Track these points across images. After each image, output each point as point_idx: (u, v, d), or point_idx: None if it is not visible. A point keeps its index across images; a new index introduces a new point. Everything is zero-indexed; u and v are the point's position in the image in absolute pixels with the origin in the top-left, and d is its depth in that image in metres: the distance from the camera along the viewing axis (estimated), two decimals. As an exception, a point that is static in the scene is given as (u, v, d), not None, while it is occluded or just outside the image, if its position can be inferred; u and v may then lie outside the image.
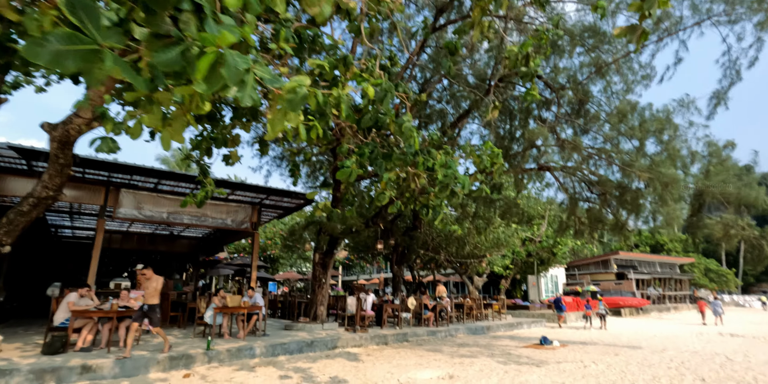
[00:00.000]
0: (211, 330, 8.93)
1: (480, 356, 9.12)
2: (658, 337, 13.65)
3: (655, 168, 7.61)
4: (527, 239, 20.77)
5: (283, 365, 7.58)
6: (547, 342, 11.14)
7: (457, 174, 5.98)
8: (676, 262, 38.64)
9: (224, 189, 10.86)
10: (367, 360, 8.37)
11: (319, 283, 11.22)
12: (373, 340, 10.34)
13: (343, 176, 5.41)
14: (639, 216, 8.96)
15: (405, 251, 14.92)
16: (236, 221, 11.36)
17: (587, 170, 9.66)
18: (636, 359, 8.92)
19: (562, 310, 17.83)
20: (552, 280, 30.81)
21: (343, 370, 7.38)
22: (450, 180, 5.95)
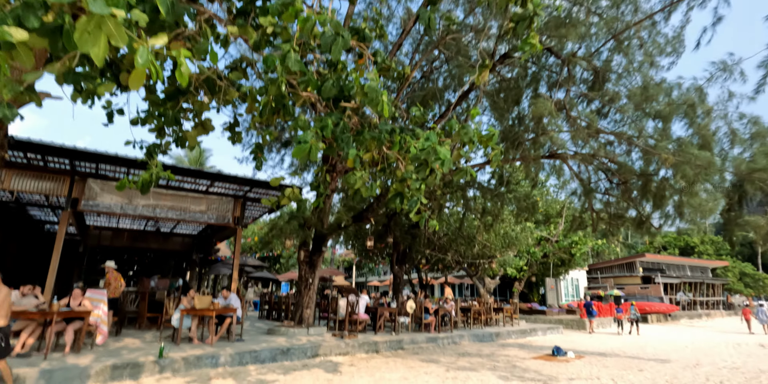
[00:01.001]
0: (177, 334, 8.02)
1: (480, 369, 7.95)
2: (689, 348, 12.15)
3: (684, 150, 6.32)
4: (543, 239, 19.35)
5: (246, 377, 6.59)
6: (561, 353, 9.87)
7: (437, 147, 4.87)
8: (708, 265, 36.26)
9: (202, 180, 10.00)
10: (347, 372, 7.31)
11: (306, 284, 10.22)
12: (362, 348, 9.27)
13: (301, 154, 4.36)
14: (664, 210, 7.64)
15: (407, 250, 13.82)
16: (217, 215, 10.48)
17: (604, 156, 8.38)
18: (664, 377, 7.59)
19: (593, 315, 17.04)
20: (572, 284, 29.18)
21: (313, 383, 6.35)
22: (428, 155, 4.86)
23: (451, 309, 12.56)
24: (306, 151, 4.34)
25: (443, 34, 8.48)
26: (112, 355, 6.85)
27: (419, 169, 5.14)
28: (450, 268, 17.28)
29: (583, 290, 29.76)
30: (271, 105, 4.74)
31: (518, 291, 20.13)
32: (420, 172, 5.13)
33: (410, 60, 9.92)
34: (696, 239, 43.24)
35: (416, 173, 5.14)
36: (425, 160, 5.10)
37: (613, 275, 31.49)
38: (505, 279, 22.95)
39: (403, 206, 5.73)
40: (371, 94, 4.37)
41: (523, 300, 27.60)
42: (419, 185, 5.31)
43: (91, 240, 14.77)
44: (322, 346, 8.57)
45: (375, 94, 4.34)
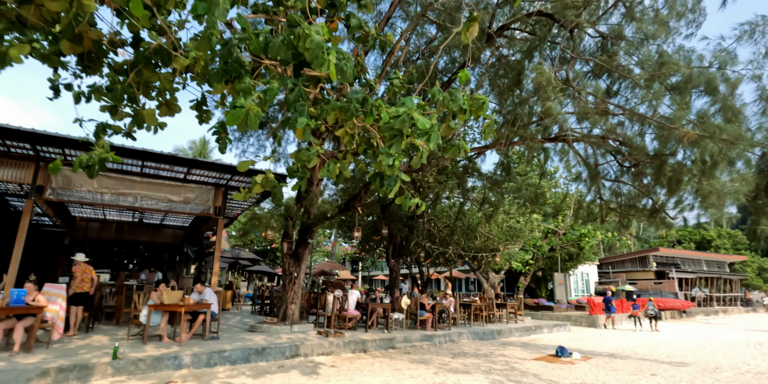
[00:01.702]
0: (144, 331, 7.41)
1: (474, 372, 7.22)
2: (707, 348, 11.26)
3: (707, 123, 5.44)
4: (550, 231, 18.44)
5: (210, 380, 5.94)
6: (565, 353, 9.08)
7: (414, 114, 4.10)
8: (725, 260, 34.95)
9: (178, 167, 9.34)
10: (325, 374, 6.63)
11: (290, 278, 9.55)
12: (348, 347, 8.58)
13: (236, 121, 3.61)
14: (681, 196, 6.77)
15: (403, 243, 13.10)
16: (197, 205, 9.84)
17: (613, 138, 7.51)
18: (679, 383, 6.77)
19: (611, 311, 16.67)
20: (582, 279, 28.21)
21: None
22: (403, 124, 4.11)
23: (450, 305, 11.81)
24: (241, 117, 3.59)
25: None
26: (67, 354, 6.25)
27: (394, 142, 4.39)
28: (452, 262, 16.50)
29: (593, 285, 28.80)
30: (221, 72, 4.02)
31: (523, 286, 19.28)
32: (395, 145, 4.39)
33: (401, 37, 9.10)
34: (713, 233, 41.78)
35: (391, 147, 4.40)
36: (400, 131, 4.36)
37: (625, 270, 30.43)
38: (513, 274, 22.12)
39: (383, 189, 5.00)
40: (314, 50, 3.59)
41: (531, 295, 26.75)
42: (392, 161, 4.54)
43: (78, 232, 14.30)
44: (304, 345, 7.90)
45: (319, 51, 3.56)
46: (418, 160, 4.45)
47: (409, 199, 4.92)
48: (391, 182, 4.70)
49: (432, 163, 9.08)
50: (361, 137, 5.03)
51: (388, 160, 4.40)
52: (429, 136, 4.25)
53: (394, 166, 4.59)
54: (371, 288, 30.78)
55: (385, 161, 4.39)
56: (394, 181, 4.71)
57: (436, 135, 4.26)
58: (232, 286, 16.59)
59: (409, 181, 4.51)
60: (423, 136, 4.29)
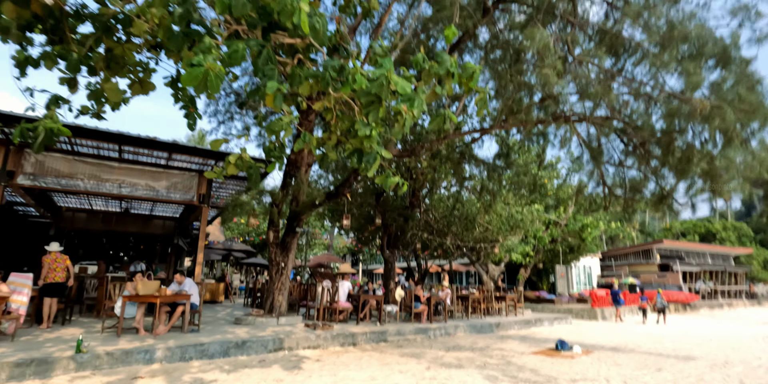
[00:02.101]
0: (119, 324, 7.00)
1: (467, 366, 6.78)
2: (713, 341, 10.80)
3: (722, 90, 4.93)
4: (551, 222, 17.95)
5: (181, 376, 5.52)
6: (565, 347, 8.63)
7: (394, 78, 3.61)
8: (730, 252, 34.39)
9: (158, 152, 8.88)
10: (307, 369, 6.21)
11: (277, 269, 9.11)
12: (336, 340, 8.16)
13: (193, 82, 3.11)
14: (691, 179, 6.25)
15: (398, 233, 12.64)
16: (180, 192, 9.39)
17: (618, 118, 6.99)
18: (687, 379, 6.32)
19: (620, 304, 16.45)
20: (584, 271, 27.77)
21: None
22: (380, 88, 3.62)
23: (446, 297, 11.38)
24: (199, 77, 3.07)
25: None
26: (30, 348, 5.84)
27: (371, 109, 3.90)
28: (450, 253, 16.05)
29: (596, 278, 28.35)
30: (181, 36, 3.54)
31: (524, 278, 18.84)
32: (372, 113, 3.90)
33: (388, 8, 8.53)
34: (718, 225, 41.16)
35: (368, 115, 3.91)
36: (378, 97, 3.86)
37: (629, 263, 29.94)
38: (514, 266, 21.67)
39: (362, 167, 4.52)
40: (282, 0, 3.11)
41: (532, 288, 26.34)
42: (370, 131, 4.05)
43: (65, 223, 13.90)
44: (288, 338, 7.48)
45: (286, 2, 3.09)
46: (400, 128, 3.97)
47: (389, 177, 4.44)
48: (370, 159, 4.23)
49: (425, 147, 8.59)
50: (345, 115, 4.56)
51: (365, 130, 3.92)
52: (412, 102, 3.76)
53: (371, 137, 4.10)
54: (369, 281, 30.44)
55: (362, 131, 3.91)
56: (373, 157, 4.23)
57: (420, 100, 3.77)
58: (225, 279, 16.20)
59: (391, 157, 3.97)
60: (405, 102, 3.80)
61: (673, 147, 5.86)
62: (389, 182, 4.36)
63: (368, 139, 4.11)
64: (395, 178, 4.38)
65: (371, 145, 4.24)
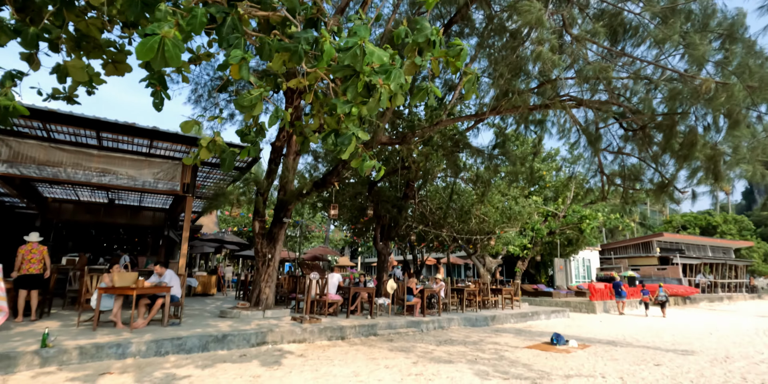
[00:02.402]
0: (94, 317, 6.71)
1: (458, 361, 6.50)
2: (714, 335, 10.53)
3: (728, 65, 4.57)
4: (550, 214, 17.63)
5: (153, 371, 5.23)
6: (561, 341, 8.36)
7: (369, 47, 3.27)
8: (731, 245, 34.11)
9: (138, 138, 8.54)
10: (289, 364, 5.93)
11: (264, 260, 8.81)
12: (324, 334, 7.88)
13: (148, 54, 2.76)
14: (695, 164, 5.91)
15: (392, 225, 12.33)
16: (164, 182, 9.06)
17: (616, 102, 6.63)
18: (687, 374, 6.03)
19: (622, 296, 16.54)
20: (584, 264, 27.53)
21: (231, 382, 4.96)
22: (354, 59, 3.28)
23: (440, 289, 11.09)
24: (154, 48, 2.72)
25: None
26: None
27: (348, 85, 3.56)
28: (446, 246, 15.76)
29: (595, 271, 28.11)
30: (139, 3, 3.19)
31: (521, 271, 18.56)
32: (350, 88, 3.56)
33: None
34: (719, 218, 40.84)
35: (346, 91, 3.57)
36: (354, 71, 3.53)
37: (628, 256, 29.69)
38: (513, 259, 21.40)
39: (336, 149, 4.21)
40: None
41: (531, 281, 26.11)
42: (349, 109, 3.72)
43: (52, 214, 13.60)
44: (272, 332, 7.20)
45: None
46: (375, 104, 3.63)
47: (365, 160, 4.11)
48: (345, 140, 3.89)
49: (417, 134, 8.24)
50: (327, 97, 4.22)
51: (343, 108, 3.58)
52: (388, 74, 3.42)
53: (351, 116, 3.77)
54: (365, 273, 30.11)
55: (341, 109, 3.57)
56: (348, 139, 3.90)
57: (398, 72, 3.43)
58: (217, 271, 15.94)
59: (368, 138, 3.60)
60: (380, 74, 3.46)
61: (675, 130, 5.51)
62: (365, 166, 4.03)
63: (348, 118, 3.77)
64: (371, 162, 4.05)
65: (347, 125, 3.91)
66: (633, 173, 8.22)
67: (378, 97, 3.63)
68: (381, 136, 8.09)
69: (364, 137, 3.91)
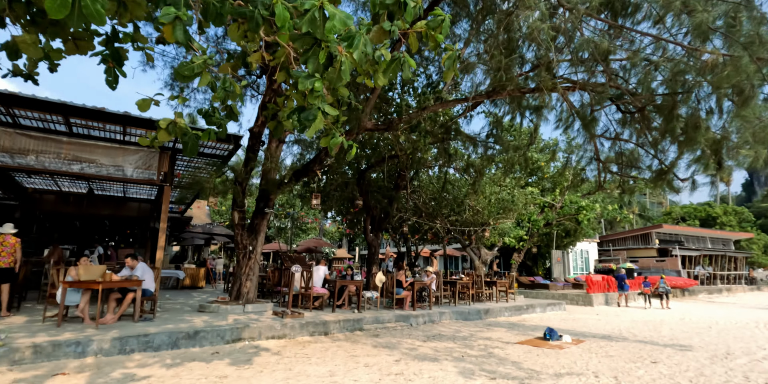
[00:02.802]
0: (59, 312, 6.34)
1: (443, 359, 6.15)
2: (713, 329, 10.20)
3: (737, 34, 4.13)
4: (546, 205, 17.23)
5: (112, 371, 4.87)
6: (554, 336, 8.02)
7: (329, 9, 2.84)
8: (730, 237, 33.80)
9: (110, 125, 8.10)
10: (261, 363, 5.57)
11: (245, 252, 8.43)
12: (306, 329, 7.53)
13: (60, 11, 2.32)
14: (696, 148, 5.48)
15: (383, 216, 11.94)
16: (138, 170, 8.64)
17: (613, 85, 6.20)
18: (685, 373, 5.68)
19: (625, 289, 16.57)
20: (582, 256, 27.24)
21: (195, 383, 4.60)
22: (313, 24, 2.86)
23: (431, 282, 10.74)
24: (68, 4, 2.29)
25: None
26: (-52, 340, 5.18)
27: (309, 56, 3.15)
28: (441, 237, 15.39)
29: (593, 263, 27.83)
30: None
31: (517, 263, 18.22)
32: (311, 59, 3.15)
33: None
34: (719, 209, 40.47)
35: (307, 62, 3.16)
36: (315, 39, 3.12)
37: (627, 248, 29.38)
38: (510, 251, 21.05)
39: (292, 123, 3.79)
40: None
41: (528, 273, 25.83)
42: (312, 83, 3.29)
43: (33, 206, 13.20)
44: (249, 327, 6.83)
45: None
46: (336, 75, 3.21)
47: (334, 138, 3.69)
48: (310, 116, 3.46)
49: (403, 120, 7.79)
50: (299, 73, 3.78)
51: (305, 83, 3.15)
52: (351, 41, 2.99)
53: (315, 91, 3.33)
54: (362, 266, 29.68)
55: (303, 84, 3.15)
56: (313, 114, 3.47)
57: (362, 40, 3.01)
58: (206, 263, 15.59)
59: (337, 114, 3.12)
60: (343, 41, 3.04)
61: (676, 112, 5.07)
62: (332, 143, 3.60)
63: (311, 95, 3.33)
64: (339, 138, 3.62)
65: (313, 100, 3.47)
66: (631, 160, 7.80)
67: (339, 67, 3.20)
68: (366, 122, 7.65)
69: (332, 112, 3.48)
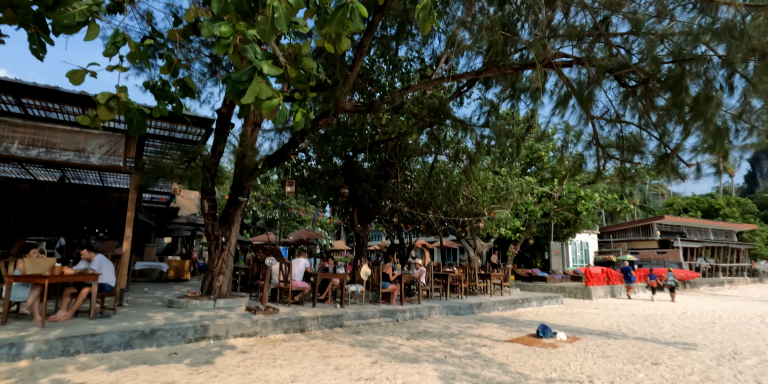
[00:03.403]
0: (3, 308, 5.80)
1: (423, 360, 5.60)
2: (717, 324, 9.66)
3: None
4: (544, 195, 16.62)
5: (42, 377, 4.32)
6: (548, 333, 7.47)
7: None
8: (733, 228, 33.22)
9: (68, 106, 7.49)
10: (221, 365, 5.02)
11: (216, 244, 7.87)
12: (279, 327, 6.99)
13: None
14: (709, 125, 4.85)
15: (371, 205, 11.35)
16: (103, 156, 8.04)
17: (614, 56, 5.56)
18: (690, 377, 5.12)
19: (631, 281, 16.46)
20: (581, 248, 26.72)
21: (133, 392, 4.06)
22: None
23: (420, 275, 10.18)
24: None
25: None
26: None
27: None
28: (434, 228, 14.82)
29: (593, 255, 27.31)
30: None
31: (513, 255, 17.67)
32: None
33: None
34: (721, 201, 39.80)
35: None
36: None
37: (627, 239, 28.82)
38: (506, 242, 20.50)
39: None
40: None
41: (527, 265, 25.33)
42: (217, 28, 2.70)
43: (7, 195, 12.64)
44: (214, 324, 6.29)
45: None
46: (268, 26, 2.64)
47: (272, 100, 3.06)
48: (243, 76, 2.89)
49: (386, 100, 7.16)
50: None
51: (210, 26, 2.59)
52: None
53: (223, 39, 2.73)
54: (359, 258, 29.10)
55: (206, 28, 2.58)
56: (246, 74, 2.90)
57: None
58: (191, 255, 15.07)
59: (279, 73, 2.40)
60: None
61: (684, 83, 4.43)
62: (267, 105, 2.98)
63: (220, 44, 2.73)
64: (274, 100, 2.99)
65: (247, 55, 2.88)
66: (632, 145, 7.17)
67: (270, 16, 2.61)
68: (344, 102, 7.01)
69: (272, 72, 2.88)
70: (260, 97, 2.86)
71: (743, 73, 5.21)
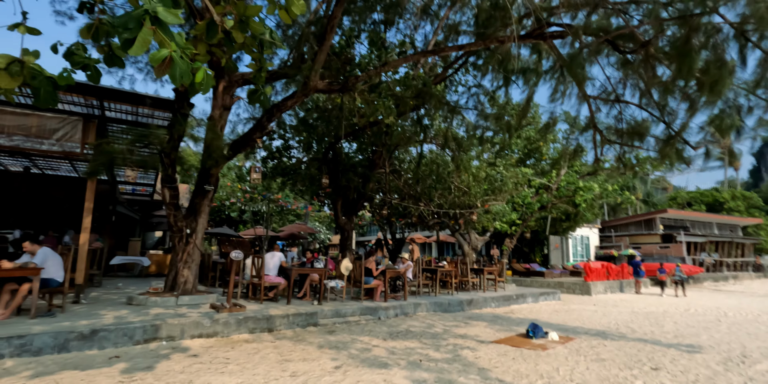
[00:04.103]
0: (-71, 308, 5.22)
1: (394, 364, 5.00)
2: (723, 323, 9.03)
3: None
4: (542, 187, 15.96)
5: (-52, 388, 3.75)
6: (539, 333, 6.86)
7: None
8: (738, 223, 32.46)
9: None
10: (161, 372, 4.44)
11: (181, 236, 7.28)
12: (244, 326, 6.40)
13: None
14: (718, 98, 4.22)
15: (356, 197, 10.73)
16: (58, 141, 7.44)
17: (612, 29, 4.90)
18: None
19: (640, 276, 16.55)
20: (582, 242, 26.07)
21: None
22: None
23: (406, 270, 9.58)
24: None
25: None
26: None
27: None
28: (426, 221, 14.19)
29: (594, 250, 26.66)
30: None
31: (509, 249, 17.06)
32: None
33: None
34: (726, 194, 38.99)
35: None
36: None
37: (629, 234, 28.11)
38: (501, 236, 19.86)
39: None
40: None
41: (525, 260, 24.73)
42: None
43: (-24, 186, 12.09)
44: (166, 324, 5.70)
45: None
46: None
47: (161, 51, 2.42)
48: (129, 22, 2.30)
49: (361, 79, 6.51)
50: None
51: None
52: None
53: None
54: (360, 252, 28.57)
55: None
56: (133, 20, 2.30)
57: None
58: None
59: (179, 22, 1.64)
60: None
61: (691, 45, 3.79)
62: (154, 57, 2.34)
63: None
64: (163, 51, 2.34)
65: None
66: (632, 128, 6.51)
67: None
68: (316, 81, 6.37)
69: (170, 19, 2.26)
70: (144, 39, 2.23)
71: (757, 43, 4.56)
